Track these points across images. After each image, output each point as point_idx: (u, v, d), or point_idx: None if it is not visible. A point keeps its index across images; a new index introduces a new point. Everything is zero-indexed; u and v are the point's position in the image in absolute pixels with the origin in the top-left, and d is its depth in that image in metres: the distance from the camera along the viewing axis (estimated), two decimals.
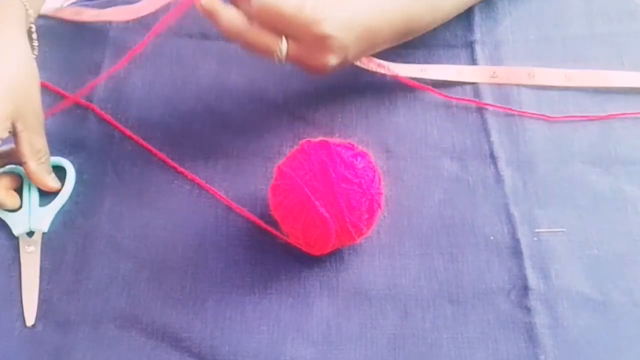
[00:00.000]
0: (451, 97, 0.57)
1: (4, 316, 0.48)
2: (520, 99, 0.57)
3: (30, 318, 0.48)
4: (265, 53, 0.48)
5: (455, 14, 0.58)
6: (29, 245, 0.50)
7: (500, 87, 0.58)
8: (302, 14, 0.46)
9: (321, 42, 0.47)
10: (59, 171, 0.54)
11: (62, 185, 0.53)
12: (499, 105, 0.57)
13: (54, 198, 0.52)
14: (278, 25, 0.47)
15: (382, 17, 0.50)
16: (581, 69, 0.59)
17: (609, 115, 0.56)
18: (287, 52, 0.47)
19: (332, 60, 0.48)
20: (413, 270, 0.50)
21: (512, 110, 0.57)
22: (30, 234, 0.51)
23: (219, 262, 0.50)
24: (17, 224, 0.51)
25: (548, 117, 0.56)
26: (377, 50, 0.53)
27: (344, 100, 0.58)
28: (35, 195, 0.53)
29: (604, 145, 0.55)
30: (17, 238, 0.51)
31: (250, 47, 0.48)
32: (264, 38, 0.47)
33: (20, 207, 0.52)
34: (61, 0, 0.65)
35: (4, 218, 0.51)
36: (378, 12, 0.50)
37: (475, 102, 0.57)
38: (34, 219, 0.51)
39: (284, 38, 0.47)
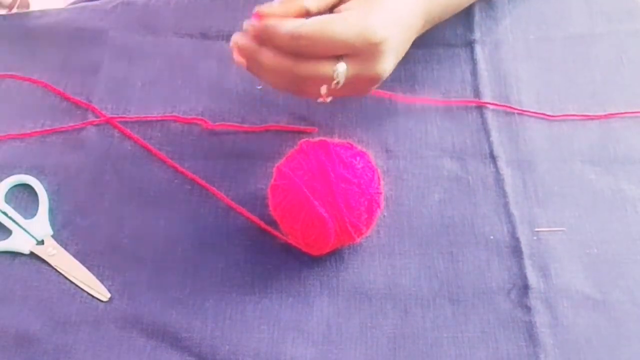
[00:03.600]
0: (451, 102, 0.57)
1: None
2: (520, 98, 0.58)
3: (104, 293, 0.49)
4: (320, 83, 0.45)
5: (465, 3, 0.58)
6: (49, 250, 0.50)
7: (500, 87, 0.58)
8: (351, 25, 0.43)
9: (375, 48, 0.44)
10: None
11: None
12: (499, 104, 0.57)
13: (35, 211, 0.52)
14: (329, 48, 0.43)
15: (413, 6, 0.49)
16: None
17: (609, 115, 0.56)
18: (346, 73, 0.44)
19: (389, 64, 0.46)
20: (413, 270, 0.50)
21: (512, 109, 0.57)
22: (41, 242, 0.51)
23: (219, 262, 0.50)
24: (22, 243, 0.51)
25: (548, 116, 0.56)
26: (409, 45, 0.51)
27: (344, 100, 0.58)
28: (15, 213, 0.52)
29: (604, 144, 0.55)
30: (28, 255, 0.51)
31: (301, 83, 0.45)
32: (317, 66, 0.44)
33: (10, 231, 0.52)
34: (61, 0, 0.66)
35: (4, 248, 0.51)
36: (411, 2, 0.48)
37: (475, 102, 0.57)
38: (33, 230, 0.51)
39: (340, 60, 0.44)
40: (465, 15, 0.61)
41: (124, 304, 0.49)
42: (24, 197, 0.54)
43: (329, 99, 0.47)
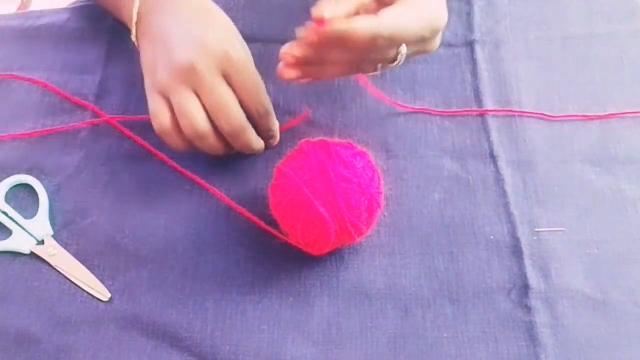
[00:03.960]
0: (451, 112, 0.57)
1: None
2: (520, 98, 0.58)
3: (104, 293, 0.49)
4: (379, 63, 0.47)
5: None
6: (49, 249, 0.51)
7: (500, 87, 0.58)
8: (421, 19, 0.44)
9: (436, 32, 0.47)
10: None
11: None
12: (500, 109, 0.57)
13: (35, 211, 0.52)
14: (402, 41, 0.45)
15: None
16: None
17: (609, 115, 0.56)
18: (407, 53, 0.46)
19: (440, 39, 0.49)
20: (413, 270, 0.50)
21: (513, 112, 0.57)
22: (41, 242, 0.51)
23: (219, 262, 0.50)
24: (22, 243, 0.51)
25: (548, 116, 0.56)
26: None
27: (344, 100, 0.58)
28: (15, 213, 0.53)
29: (604, 144, 0.55)
30: (28, 255, 0.51)
31: (362, 67, 0.48)
32: (383, 53, 0.46)
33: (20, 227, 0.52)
34: (61, 0, 0.66)
35: (4, 248, 0.51)
36: None
37: (476, 111, 0.57)
38: (33, 230, 0.51)
39: (403, 45, 0.46)
40: (465, 15, 0.61)
41: (124, 304, 0.49)
42: (24, 197, 0.54)
43: (379, 72, 0.49)
